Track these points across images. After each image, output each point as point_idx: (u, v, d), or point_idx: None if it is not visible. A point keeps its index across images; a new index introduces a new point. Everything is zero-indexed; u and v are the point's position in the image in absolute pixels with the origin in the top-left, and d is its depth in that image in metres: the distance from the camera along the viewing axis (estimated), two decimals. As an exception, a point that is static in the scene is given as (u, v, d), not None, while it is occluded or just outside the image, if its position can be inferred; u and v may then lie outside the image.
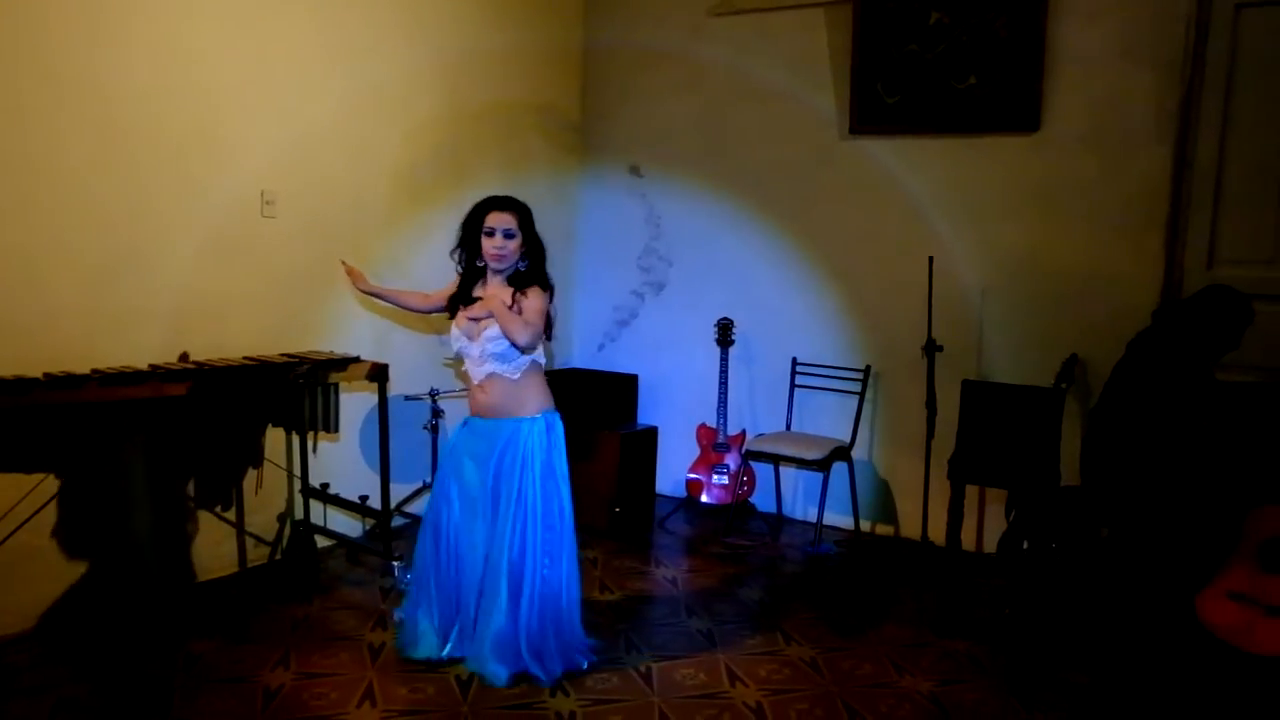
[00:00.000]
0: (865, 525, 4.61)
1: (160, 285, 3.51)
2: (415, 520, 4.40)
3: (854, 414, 4.56)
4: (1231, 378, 3.58)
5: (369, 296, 3.69)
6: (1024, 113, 4.13)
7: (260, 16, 3.74)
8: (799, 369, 4.75)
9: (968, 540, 4.31)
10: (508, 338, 2.95)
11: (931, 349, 4.12)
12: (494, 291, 3.05)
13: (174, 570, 3.62)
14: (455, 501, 3.12)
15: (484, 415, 3.08)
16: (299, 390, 3.54)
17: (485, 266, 3.09)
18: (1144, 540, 3.46)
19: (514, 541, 3.00)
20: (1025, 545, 3.99)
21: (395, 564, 3.78)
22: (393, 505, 4.06)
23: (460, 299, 3.14)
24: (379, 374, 3.76)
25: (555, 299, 3.14)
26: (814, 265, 4.68)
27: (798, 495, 4.89)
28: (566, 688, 3.01)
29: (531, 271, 3.06)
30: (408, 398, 4.32)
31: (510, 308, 2.98)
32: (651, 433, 4.91)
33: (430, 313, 3.49)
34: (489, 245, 3.01)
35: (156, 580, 3.52)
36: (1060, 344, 4.05)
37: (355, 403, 4.12)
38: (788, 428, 4.75)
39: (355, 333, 4.19)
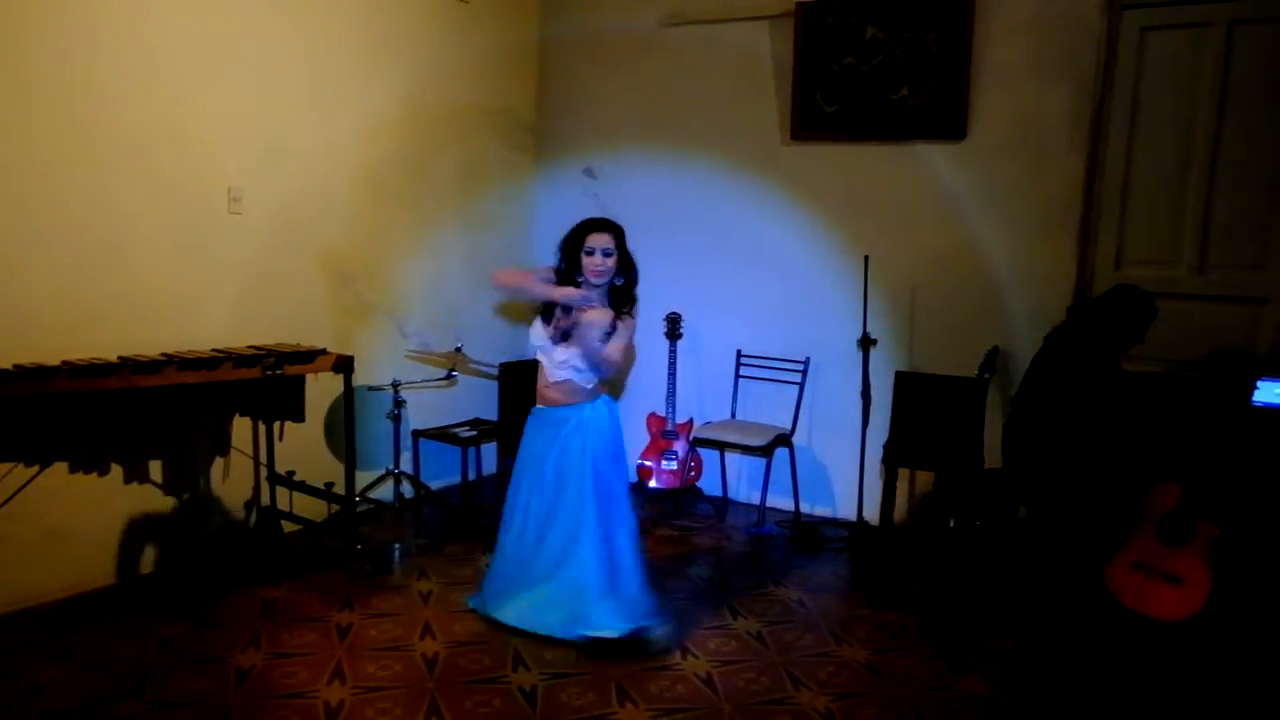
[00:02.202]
0: (805, 507, 4.71)
1: (131, 280, 3.47)
2: (378, 506, 4.42)
3: (794, 403, 4.66)
4: (1137, 368, 3.75)
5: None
6: (952, 122, 4.26)
7: (228, 16, 3.70)
8: (743, 361, 4.84)
9: (900, 519, 4.44)
10: (589, 364, 3.13)
11: (866, 342, 4.23)
12: (593, 316, 3.14)
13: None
14: (530, 487, 3.26)
15: (550, 405, 3.26)
16: (266, 382, 3.52)
17: (582, 282, 3.20)
18: (1058, 517, 3.60)
19: (583, 512, 3.14)
20: (951, 523, 4.14)
21: (360, 548, 3.78)
22: (357, 492, 4.05)
23: (555, 308, 3.22)
24: (344, 365, 3.75)
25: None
26: (758, 263, 4.77)
27: (742, 479, 4.98)
28: (527, 662, 3.05)
29: (626, 288, 3.22)
30: (371, 388, 4.32)
31: (610, 332, 3.13)
32: (604, 421, 4.93)
33: None
34: (590, 263, 3.16)
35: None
36: (984, 336, 4.17)
37: (321, 393, 4.10)
38: (733, 416, 4.83)
39: (321, 326, 4.16)
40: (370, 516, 4.39)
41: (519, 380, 4.94)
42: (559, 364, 3.20)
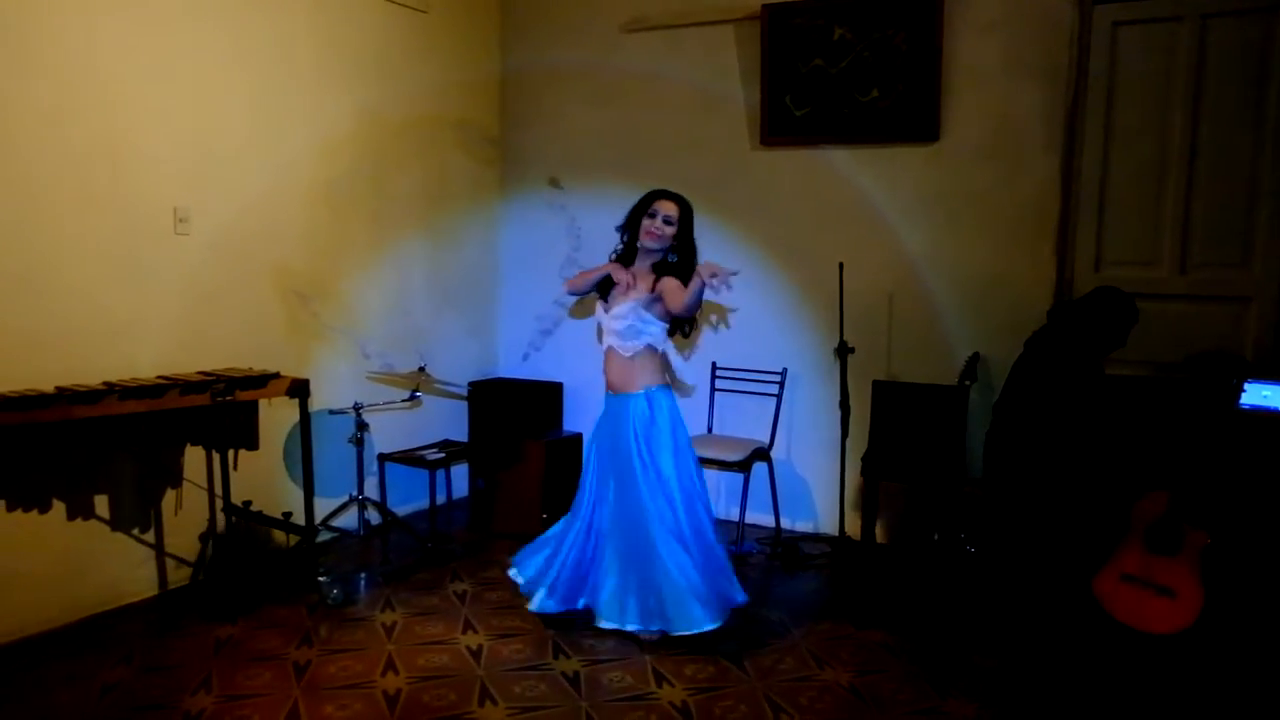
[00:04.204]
0: (786, 523, 4.64)
1: (69, 304, 3.34)
2: (342, 535, 4.30)
3: (772, 416, 4.58)
4: (1120, 372, 3.70)
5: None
6: (924, 124, 4.21)
7: (167, 30, 3.59)
8: (718, 373, 4.76)
9: (883, 533, 4.37)
10: (668, 305, 3.17)
11: (844, 351, 4.16)
12: (637, 271, 3.28)
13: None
14: (594, 475, 3.38)
15: (611, 390, 3.35)
16: (217, 409, 3.40)
17: (637, 252, 3.30)
18: (1043, 528, 3.54)
19: (647, 508, 3.18)
20: (935, 537, 4.07)
21: (321, 580, 3.66)
22: (318, 520, 3.94)
23: (610, 287, 3.34)
24: (299, 389, 3.65)
25: (485, 311, 3.16)
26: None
27: (720, 495, 4.88)
28: (495, 696, 2.94)
29: (679, 266, 3.25)
30: (332, 412, 4.21)
31: (653, 290, 3.21)
32: (576, 440, 4.86)
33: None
34: (649, 224, 3.23)
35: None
36: (963, 343, 4.14)
37: (278, 419, 3.98)
38: (709, 430, 4.75)
39: (278, 348, 4.06)
40: (333, 546, 4.27)
41: (485, 398, 4.86)
42: (613, 330, 3.28)
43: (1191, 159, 3.83)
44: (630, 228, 3.31)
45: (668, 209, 3.23)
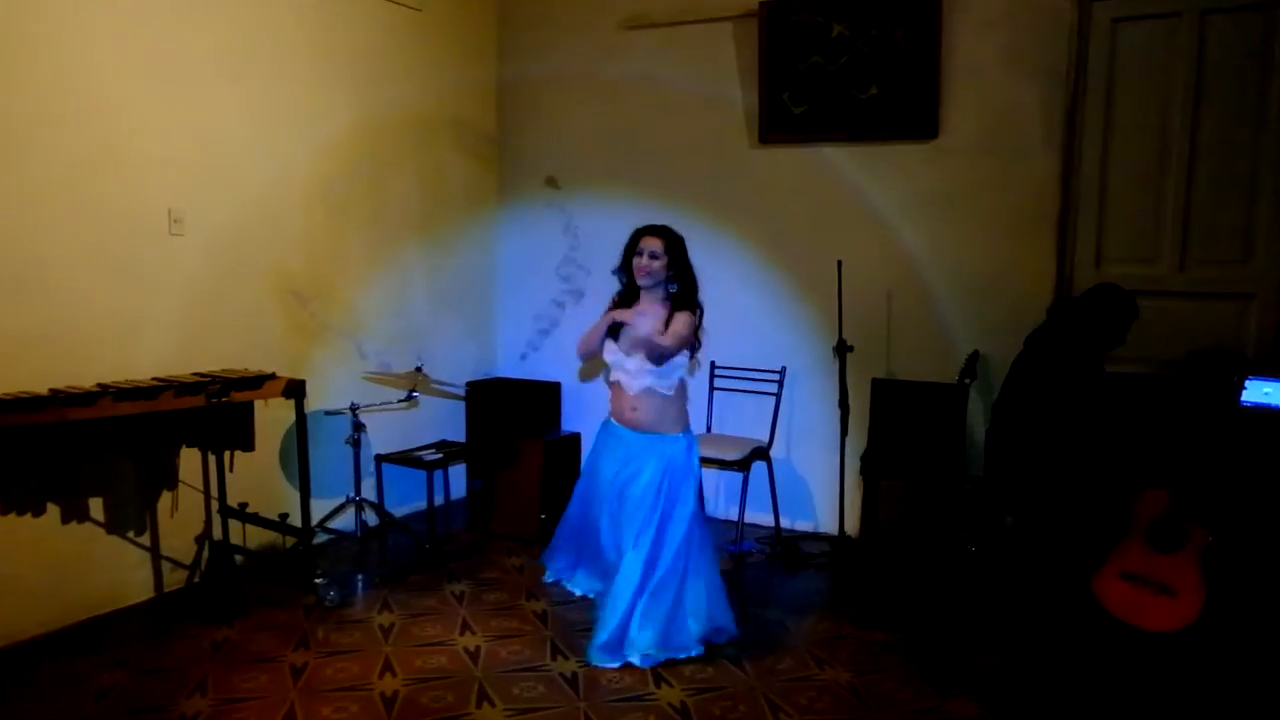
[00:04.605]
0: (785, 522, 4.62)
1: (63, 306, 3.33)
2: (338, 536, 4.29)
3: (771, 414, 4.57)
4: (1120, 369, 3.69)
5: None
6: (923, 121, 4.20)
7: (165, 32, 3.58)
8: (717, 372, 4.75)
9: (883, 532, 4.36)
10: (646, 346, 3.15)
11: (843, 349, 4.14)
12: (646, 308, 3.28)
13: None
14: (592, 498, 3.38)
15: (628, 426, 3.29)
16: (212, 410, 3.39)
17: (639, 291, 3.32)
18: (1043, 526, 3.53)
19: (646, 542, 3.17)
20: (935, 535, 4.06)
21: (318, 581, 3.65)
22: (315, 522, 3.93)
23: (620, 328, 3.30)
24: (295, 390, 3.64)
25: (483, 311, 3.13)
26: (729, 270, 4.67)
27: (719, 495, 4.89)
28: (493, 698, 2.93)
29: (681, 295, 3.28)
30: (328, 413, 4.20)
31: (664, 329, 3.20)
32: (575, 439, 4.85)
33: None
34: (637, 264, 3.27)
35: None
36: (963, 341, 4.13)
37: (274, 420, 3.97)
38: (708, 430, 4.73)
39: (274, 349, 4.05)
40: (330, 547, 4.26)
41: (484, 398, 4.85)
42: (635, 373, 3.24)
43: (1191, 155, 3.83)
44: (625, 268, 3.34)
45: (652, 245, 3.26)
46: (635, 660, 3.14)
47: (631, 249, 3.31)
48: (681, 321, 3.22)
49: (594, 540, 3.37)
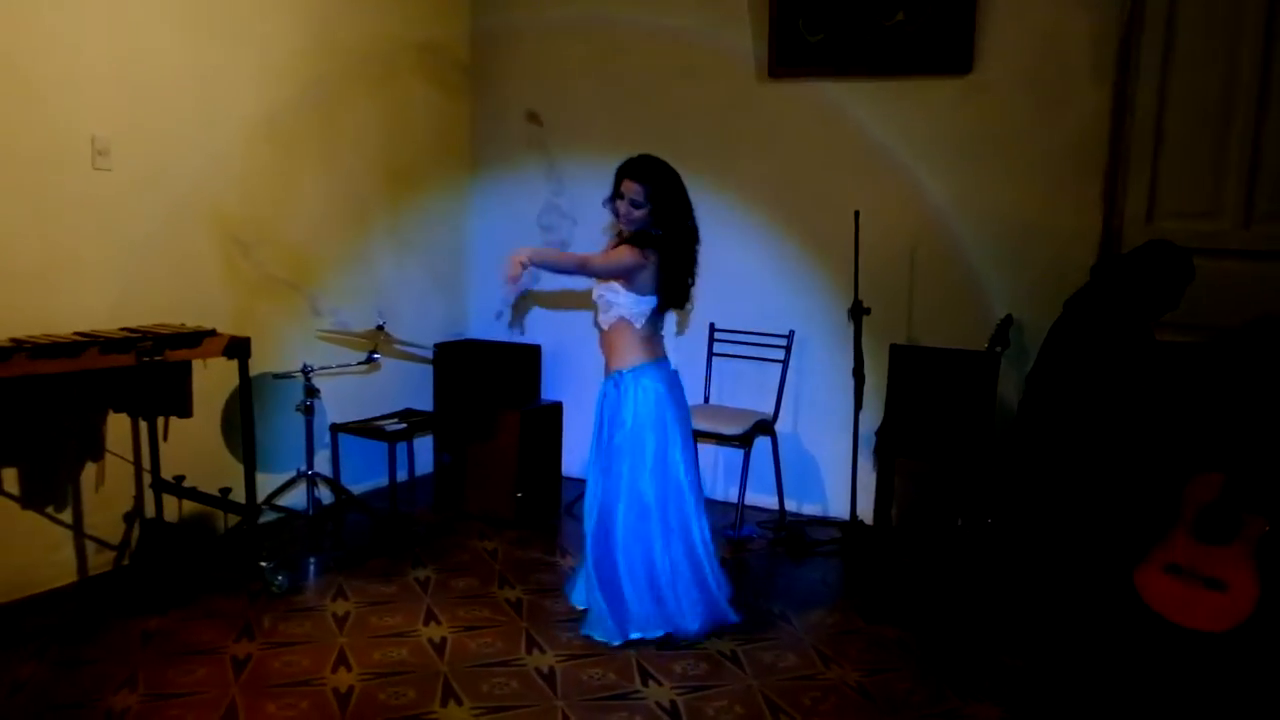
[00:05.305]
0: (791, 505, 4.64)
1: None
2: (288, 515, 4.29)
3: (777, 384, 4.57)
4: (1171, 338, 3.68)
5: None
6: (955, 53, 4.16)
7: (84, -68, 3.50)
8: (717, 336, 4.74)
9: (899, 517, 4.38)
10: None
11: (858, 311, 4.13)
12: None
13: None
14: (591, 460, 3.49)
15: (607, 370, 3.45)
16: (143, 370, 3.36)
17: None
18: (1081, 513, 3.55)
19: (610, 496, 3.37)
20: (958, 522, 4.08)
21: (264, 565, 3.65)
22: (261, 499, 3.92)
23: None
24: (238, 349, 3.61)
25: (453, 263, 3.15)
26: (731, 222, 4.65)
27: (717, 474, 4.90)
28: (460, 695, 2.94)
29: (663, 239, 3.30)
30: (277, 376, 4.18)
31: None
32: (556, 409, 4.85)
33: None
34: (619, 206, 3.33)
35: None
36: (995, 304, 4.13)
37: (215, 383, 3.95)
38: (705, 401, 4.74)
39: (215, 303, 4.02)
40: (279, 527, 4.26)
41: (455, 362, 4.83)
42: (600, 307, 3.40)
43: (1263, 93, 3.79)
44: (613, 200, 3.40)
45: (633, 191, 3.27)
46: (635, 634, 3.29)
47: (615, 189, 3.34)
48: (618, 250, 3.30)
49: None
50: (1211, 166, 3.91)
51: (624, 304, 3.32)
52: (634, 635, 3.29)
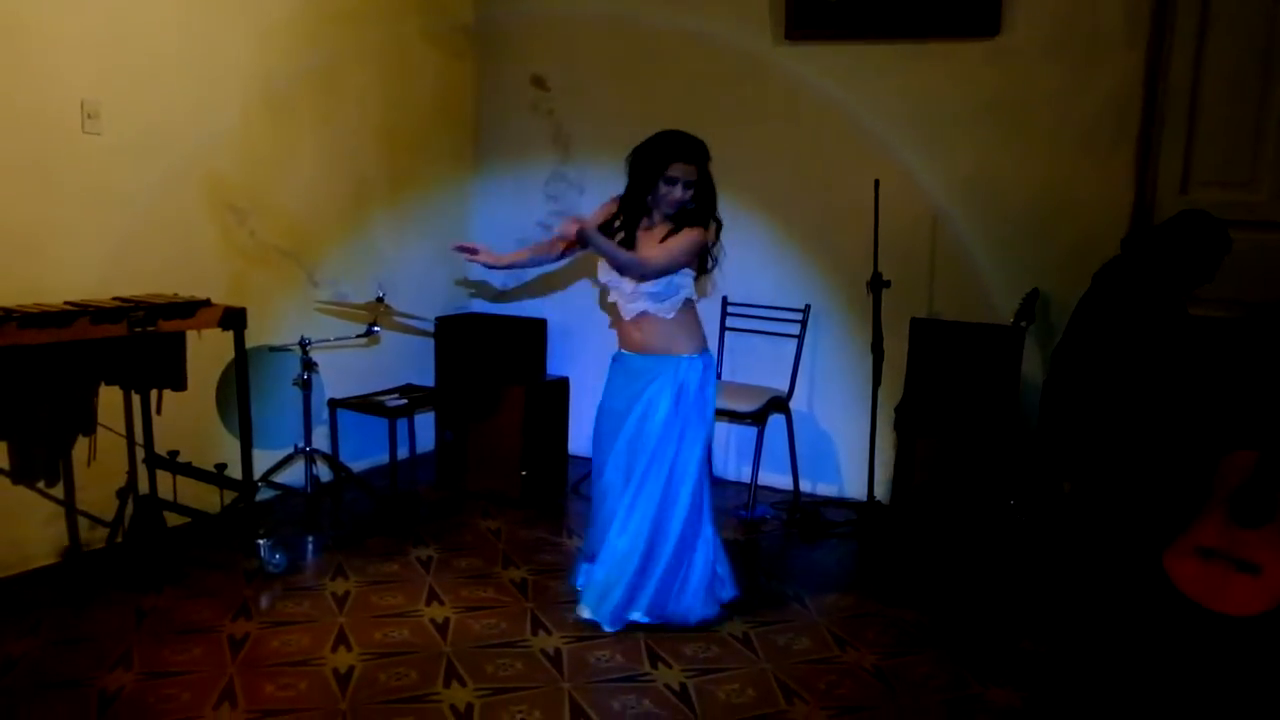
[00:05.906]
0: (805, 485, 4.65)
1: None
2: (285, 491, 4.31)
3: (792, 360, 4.57)
4: (1204, 313, 3.66)
5: (508, 268, 3.79)
6: (981, 14, 4.12)
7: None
8: (730, 309, 4.74)
9: (918, 498, 4.37)
10: (615, 268, 3.21)
11: (878, 284, 4.12)
12: (658, 231, 3.27)
13: None
14: (606, 448, 3.38)
15: (634, 350, 3.36)
16: (135, 341, 3.36)
17: (650, 202, 3.27)
18: (1109, 493, 3.55)
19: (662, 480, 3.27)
20: (980, 503, 4.08)
21: (262, 543, 3.66)
22: (258, 475, 3.94)
23: (614, 231, 3.28)
24: (234, 320, 3.62)
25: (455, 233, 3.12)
26: (745, 191, 4.62)
27: (729, 453, 4.91)
28: (463, 676, 2.95)
29: (697, 212, 3.26)
30: (273, 348, 4.19)
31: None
32: (563, 384, 4.84)
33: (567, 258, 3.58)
34: (669, 194, 3.21)
35: None
36: (1020, 277, 4.11)
37: (211, 355, 3.94)
38: (718, 377, 4.72)
39: (209, 273, 4.03)
40: (276, 505, 4.29)
41: (457, 335, 4.83)
42: (630, 296, 3.28)
43: (1303, 59, 3.76)
44: (641, 182, 3.26)
45: (690, 174, 3.20)
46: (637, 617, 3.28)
47: (658, 171, 3.19)
48: (684, 237, 3.21)
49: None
50: (1250, 135, 3.88)
51: (690, 285, 3.31)
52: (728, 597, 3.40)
